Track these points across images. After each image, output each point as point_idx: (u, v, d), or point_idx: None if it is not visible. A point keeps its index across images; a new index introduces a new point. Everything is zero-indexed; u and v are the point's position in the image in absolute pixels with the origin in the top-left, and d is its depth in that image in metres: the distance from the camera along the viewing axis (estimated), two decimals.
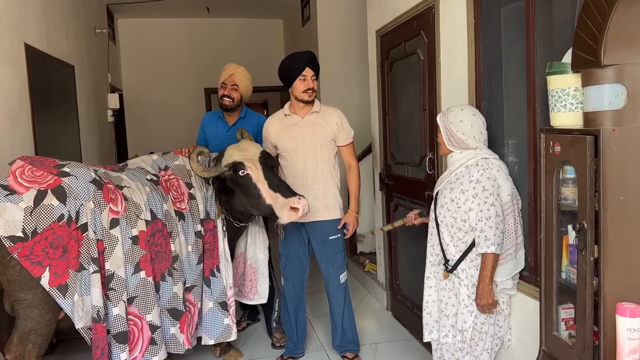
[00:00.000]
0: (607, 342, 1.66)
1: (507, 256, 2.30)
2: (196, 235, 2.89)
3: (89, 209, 2.43)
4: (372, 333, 3.75)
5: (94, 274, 2.40)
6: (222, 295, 2.96)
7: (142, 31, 7.52)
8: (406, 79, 3.51)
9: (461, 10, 2.71)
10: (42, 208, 2.32)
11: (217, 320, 2.95)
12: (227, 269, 2.97)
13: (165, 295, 2.70)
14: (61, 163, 2.52)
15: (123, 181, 2.67)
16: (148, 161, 2.98)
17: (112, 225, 2.49)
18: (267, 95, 9.44)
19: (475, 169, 2.26)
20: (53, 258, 2.32)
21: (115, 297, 2.47)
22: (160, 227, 2.69)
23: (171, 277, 2.73)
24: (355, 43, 5.73)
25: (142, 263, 2.58)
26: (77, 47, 4.92)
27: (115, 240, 2.49)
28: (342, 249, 3.20)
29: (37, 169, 2.42)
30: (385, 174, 3.97)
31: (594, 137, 1.64)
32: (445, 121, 2.36)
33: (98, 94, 5.68)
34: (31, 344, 2.36)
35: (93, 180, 2.48)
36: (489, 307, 2.27)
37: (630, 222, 1.65)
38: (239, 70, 3.53)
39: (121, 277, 2.49)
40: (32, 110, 3.52)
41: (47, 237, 2.31)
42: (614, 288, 1.65)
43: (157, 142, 7.32)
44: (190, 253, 2.86)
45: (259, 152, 2.93)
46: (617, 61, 1.61)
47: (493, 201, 2.21)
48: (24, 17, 3.57)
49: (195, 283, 2.89)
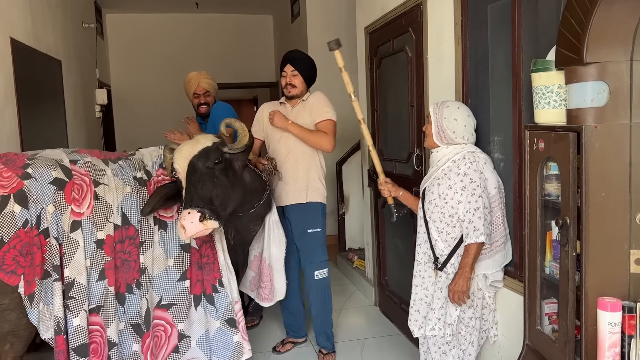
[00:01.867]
0: (589, 336, 1.69)
1: (495, 247, 2.32)
2: (182, 249, 2.58)
3: (50, 213, 2.28)
4: (360, 328, 3.77)
5: (56, 282, 2.27)
6: (228, 311, 2.64)
7: (131, 26, 7.46)
8: (394, 75, 3.52)
9: (448, 7, 2.73)
10: (4, 216, 2.20)
11: (226, 340, 2.63)
12: (230, 282, 2.67)
13: (131, 308, 2.48)
14: (29, 160, 2.35)
15: (104, 177, 2.47)
16: (155, 154, 2.73)
17: (73, 228, 2.32)
18: (256, 91, 9.40)
19: (463, 162, 2.28)
20: (25, 266, 2.22)
21: (75, 307, 2.29)
22: (132, 234, 2.47)
23: (139, 289, 2.50)
24: (345, 39, 5.70)
25: (107, 270, 2.38)
26: (64, 42, 4.87)
27: (75, 244, 2.32)
28: (322, 243, 3.23)
29: (8, 169, 2.27)
30: (373, 170, 3.97)
31: (576, 133, 1.67)
32: (438, 115, 2.37)
33: (86, 89, 5.63)
34: (9, 344, 2.29)
35: (53, 180, 2.31)
36: (460, 295, 2.26)
37: (612, 218, 1.67)
38: (202, 76, 3.77)
39: (82, 284, 2.31)
40: (17, 105, 3.48)
41: (14, 245, 2.20)
42: (595, 283, 1.68)
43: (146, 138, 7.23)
44: (170, 267, 2.55)
45: (196, 151, 2.47)
46: (600, 59, 1.63)
47: (480, 193, 2.23)
48: (10, 11, 3.52)
49: (175, 301, 2.57)
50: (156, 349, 2.56)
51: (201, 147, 2.48)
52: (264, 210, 2.87)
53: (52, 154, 2.49)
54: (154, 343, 2.54)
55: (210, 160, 2.45)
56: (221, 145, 2.53)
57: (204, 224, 2.27)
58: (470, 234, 2.23)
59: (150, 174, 2.65)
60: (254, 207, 2.77)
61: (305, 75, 3.17)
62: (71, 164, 2.43)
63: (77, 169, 2.43)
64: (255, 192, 2.76)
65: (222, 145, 2.54)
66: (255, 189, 2.77)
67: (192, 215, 2.26)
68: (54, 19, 4.58)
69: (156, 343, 2.56)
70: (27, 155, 2.42)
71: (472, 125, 2.38)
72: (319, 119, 3.12)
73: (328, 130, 3.09)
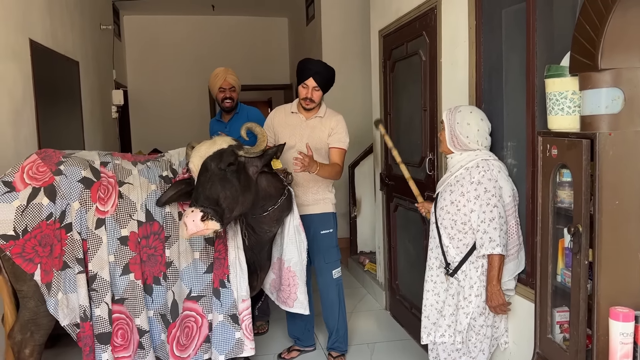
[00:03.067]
0: (600, 346, 1.66)
1: (509, 256, 2.30)
2: (206, 242, 2.67)
3: (75, 209, 2.43)
4: (370, 332, 3.76)
5: (80, 274, 2.41)
6: (232, 307, 2.68)
7: (148, 28, 7.55)
8: (408, 79, 3.51)
9: (463, 11, 2.71)
10: (32, 207, 2.36)
11: (227, 334, 2.67)
12: (239, 280, 2.69)
13: (158, 299, 2.61)
14: (63, 158, 2.51)
15: (129, 177, 2.59)
16: (183, 154, 2.79)
17: (98, 225, 2.47)
18: (271, 93, 9.44)
19: (476, 171, 2.26)
20: (42, 256, 2.37)
21: (97, 298, 2.45)
22: (157, 230, 2.58)
23: (165, 282, 2.61)
24: (359, 42, 5.73)
25: (132, 265, 2.52)
26: (82, 43, 4.94)
27: (99, 240, 2.47)
28: (335, 244, 3.24)
29: (44, 164, 2.46)
30: (385, 174, 3.97)
31: (590, 140, 1.65)
32: (451, 120, 2.35)
33: (103, 90, 5.70)
34: (29, 333, 2.44)
35: (82, 179, 2.47)
36: (501, 308, 2.27)
37: (625, 227, 1.65)
38: (229, 72, 3.77)
39: (104, 278, 2.46)
40: (36, 105, 3.55)
41: (36, 235, 2.36)
42: (607, 292, 1.66)
43: (161, 139, 7.35)
44: (197, 260, 2.64)
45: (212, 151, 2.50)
46: (615, 65, 1.61)
47: (495, 202, 2.21)
48: (29, 12, 3.59)
49: (204, 293, 2.66)
50: (187, 339, 2.64)
51: (217, 148, 2.50)
52: (279, 213, 2.82)
53: (87, 154, 2.64)
54: (184, 333, 2.64)
55: (223, 162, 2.46)
56: (237, 149, 2.54)
57: (205, 223, 2.27)
58: (486, 244, 2.21)
59: (176, 172, 2.73)
60: (267, 210, 2.74)
61: (325, 90, 3.13)
62: (101, 166, 2.58)
63: (105, 171, 2.57)
64: (268, 198, 2.73)
65: (238, 149, 2.55)
66: (270, 195, 2.73)
67: (194, 213, 2.27)
68: (73, 21, 4.65)
69: (187, 334, 2.65)
70: (64, 153, 2.58)
71: (486, 129, 2.36)
72: (336, 145, 3.12)
73: (340, 159, 3.14)
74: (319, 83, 3.05)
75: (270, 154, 2.62)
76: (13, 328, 2.46)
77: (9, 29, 3.22)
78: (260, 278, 2.98)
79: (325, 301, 3.27)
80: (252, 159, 2.58)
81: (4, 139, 3.07)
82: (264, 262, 2.96)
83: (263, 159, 2.61)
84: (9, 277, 2.41)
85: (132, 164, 2.66)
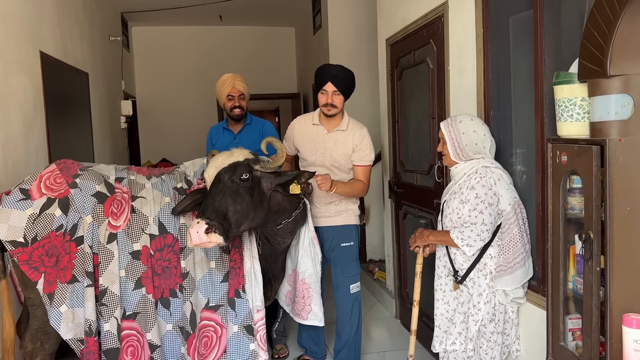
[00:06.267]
0: (614, 353, 1.65)
1: (515, 264, 2.28)
2: (222, 250, 2.61)
3: (87, 223, 2.45)
4: (381, 341, 3.74)
5: (88, 288, 2.41)
6: (247, 318, 2.60)
7: (156, 39, 7.63)
8: (415, 87, 3.52)
9: (470, 19, 2.72)
10: (44, 216, 2.39)
11: (242, 346, 2.60)
12: (254, 290, 2.63)
13: (176, 312, 2.58)
14: (80, 171, 2.54)
15: (142, 190, 2.60)
16: (198, 164, 2.77)
17: (110, 240, 2.48)
18: (278, 103, 9.49)
19: (474, 176, 2.28)
20: (48, 266, 2.38)
21: (106, 313, 2.44)
22: (171, 242, 2.56)
23: (182, 293, 2.58)
24: (366, 51, 5.76)
25: (144, 279, 2.51)
26: (92, 55, 5.00)
27: (110, 255, 2.47)
28: (355, 258, 3.16)
29: (62, 175, 2.50)
30: (394, 181, 3.97)
31: (600, 147, 1.64)
32: (453, 131, 2.35)
33: (111, 100, 5.76)
34: (39, 342, 2.45)
35: (96, 193, 2.49)
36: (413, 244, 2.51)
37: (636, 233, 1.64)
38: (237, 78, 3.50)
39: (115, 293, 2.46)
40: (46, 117, 3.59)
41: (44, 244, 2.38)
42: (620, 299, 1.64)
43: (170, 149, 7.41)
44: (213, 270, 2.59)
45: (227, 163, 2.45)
46: (624, 71, 1.60)
47: (482, 209, 2.21)
48: (39, 25, 3.64)
49: (222, 302, 2.60)
50: (205, 349, 2.57)
51: (233, 160, 2.45)
52: (293, 225, 2.77)
53: (105, 168, 2.66)
54: (202, 344, 2.57)
55: (237, 175, 2.40)
56: (253, 163, 2.48)
57: (208, 236, 2.23)
58: (456, 233, 2.26)
59: (191, 183, 2.69)
60: (280, 224, 2.70)
61: (347, 95, 3.00)
62: (116, 182, 2.60)
63: (120, 187, 2.59)
64: (282, 212, 2.67)
65: (255, 163, 2.48)
66: (284, 209, 2.66)
67: (199, 225, 2.22)
68: (82, 33, 4.71)
69: (205, 343, 2.57)
70: (82, 165, 2.61)
71: (489, 135, 2.37)
72: (361, 162, 3.03)
73: (365, 177, 3.04)
74: (338, 87, 2.93)
75: (290, 177, 2.53)
76: (24, 337, 2.47)
77: (20, 43, 3.26)
78: (274, 288, 2.95)
79: (341, 315, 3.20)
80: (268, 174, 2.52)
81: (15, 150, 3.10)
82: (278, 272, 2.93)
83: (280, 178, 2.54)
84: (19, 283, 2.44)
85: (146, 178, 2.67)
